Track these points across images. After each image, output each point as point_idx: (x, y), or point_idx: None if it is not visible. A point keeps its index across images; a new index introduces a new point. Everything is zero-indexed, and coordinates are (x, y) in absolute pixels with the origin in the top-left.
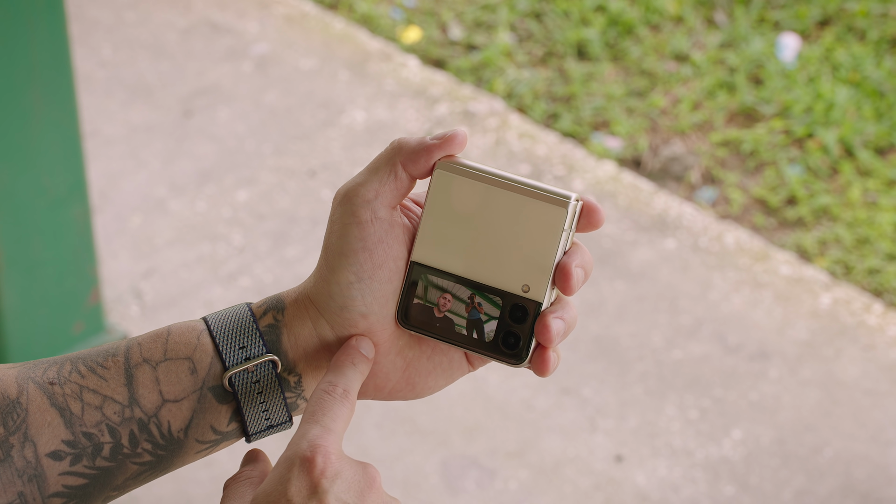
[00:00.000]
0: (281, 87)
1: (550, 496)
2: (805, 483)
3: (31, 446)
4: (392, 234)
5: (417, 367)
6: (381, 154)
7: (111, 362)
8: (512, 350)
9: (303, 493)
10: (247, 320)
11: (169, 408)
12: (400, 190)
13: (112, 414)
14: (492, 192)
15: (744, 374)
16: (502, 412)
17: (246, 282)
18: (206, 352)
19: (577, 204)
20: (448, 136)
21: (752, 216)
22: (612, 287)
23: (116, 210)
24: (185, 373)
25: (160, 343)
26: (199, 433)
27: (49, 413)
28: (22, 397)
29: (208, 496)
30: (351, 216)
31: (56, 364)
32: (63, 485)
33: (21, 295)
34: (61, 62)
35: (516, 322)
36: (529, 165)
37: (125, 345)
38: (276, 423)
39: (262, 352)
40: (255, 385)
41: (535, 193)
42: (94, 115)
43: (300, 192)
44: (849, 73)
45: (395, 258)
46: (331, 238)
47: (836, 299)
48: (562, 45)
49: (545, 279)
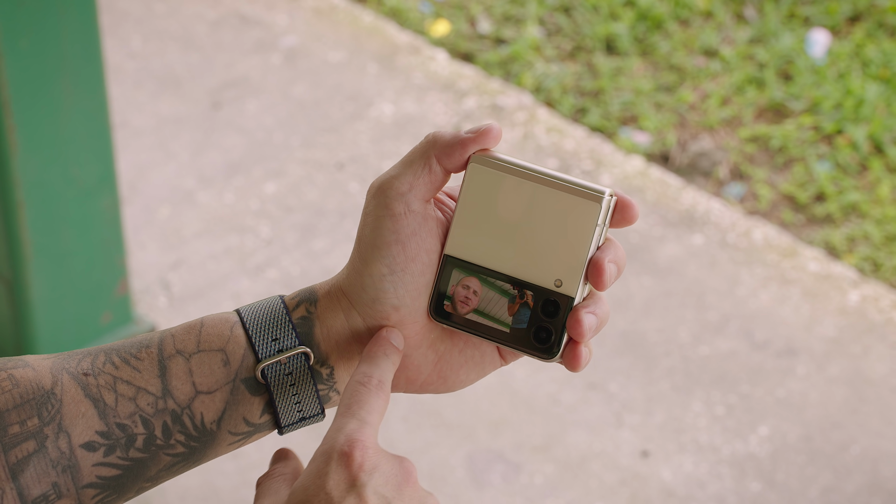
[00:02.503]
0: (309, 80)
1: (576, 491)
2: (832, 480)
3: (65, 437)
4: (425, 227)
5: (449, 360)
6: (416, 147)
7: (144, 354)
8: (544, 345)
9: (341, 486)
10: (280, 312)
11: (202, 399)
12: (434, 183)
13: (145, 405)
14: (526, 186)
15: (771, 370)
16: (528, 406)
17: (273, 274)
18: (239, 344)
19: (611, 199)
20: (483, 129)
21: (780, 212)
22: (640, 282)
23: (145, 201)
24: (218, 364)
25: (193, 335)
26: (231, 425)
27: (83, 404)
28: (56, 388)
29: (235, 487)
30: (384, 209)
31: (90, 355)
32: (97, 476)
33: (50, 285)
34: (91, 53)
35: (548, 317)
36: (557, 160)
37: (158, 336)
38: (309, 415)
39: (294, 344)
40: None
41: (570, 188)
42: (123, 106)
43: (328, 184)
44: (879, 70)
45: (428, 251)
46: (364, 230)
47: (865, 296)
48: (590, 39)
49: (578, 274)
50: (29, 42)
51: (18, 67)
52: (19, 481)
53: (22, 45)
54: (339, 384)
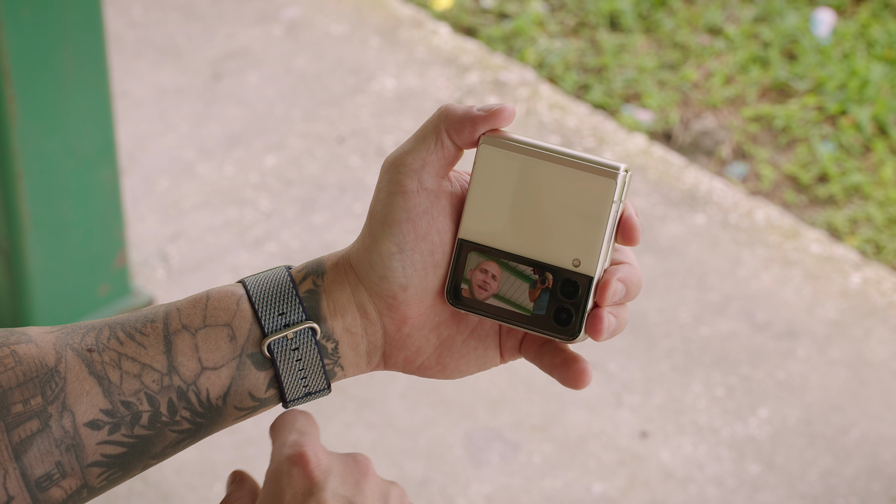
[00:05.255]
0: (311, 53)
1: (574, 471)
2: (831, 464)
3: (69, 416)
4: (438, 206)
5: (450, 347)
6: (428, 120)
7: (150, 329)
8: (564, 326)
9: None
10: (286, 286)
11: (208, 375)
12: (447, 159)
13: (151, 382)
14: (538, 165)
15: (771, 352)
16: (528, 385)
17: (272, 247)
18: (245, 318)
19: (627, 175)
20: (495, 109)
21: (782, 193)
22: (641, 261)
23: (144, 172)
24: (225, 340)
25: (199, 309)
26: (237, 400)
27: (87, 382)
28: (60, 365)
29: (231, 462)
30: (397, 185)
31: (94, 329)
32: (101, 454)
33: (48, 256)
34: (93, 23)
35: (567, 297)
36: (559, 137)
37: (164, 310)
38: (315, 390)
39: (301, 318)
40: (295, 353)
41: (584, 165)
42: (123, 76)
43: (329, 158)
44: (884, 51)
45: (440, 231)
46: (376, 206)
47: (867, 279)
48: (594, 15)
49: (596, 253)
50: (30, 11)
51: (19, 36)
52: (23, 461)
53: (23, 14)
54: (344, 359)
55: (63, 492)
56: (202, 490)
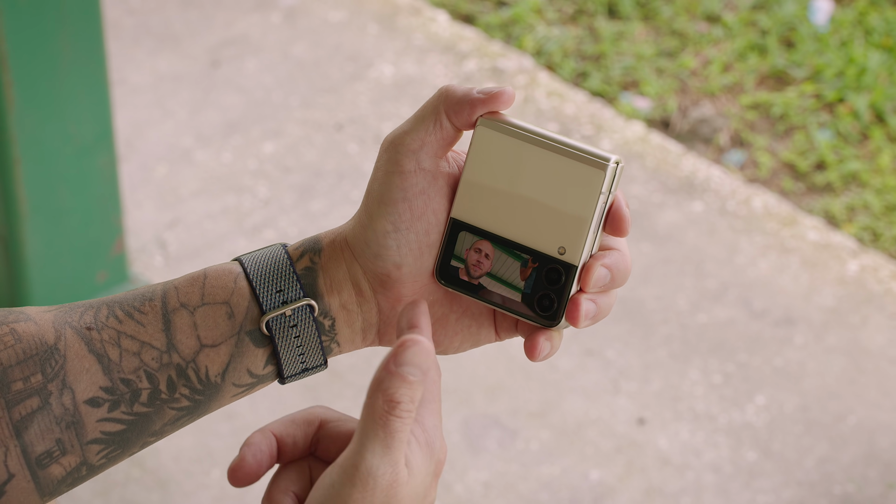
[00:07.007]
0: (309, 40)
1: (571, 457)
2: (828, 451)
3: (69, 393)
4: (434, 187)
5: (445, 325)
6: (428, 101)
7: (148, 307)
8: (546, 312)
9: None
10: (283, 263)
11: (206, 353)
12: (445, 139)
13: (150, 360)
14: (532, 151)
15: (769, 339)
16: (525, 372)
17: (270, 234)
18: (243, 296)
19: (617, 167)
20: (495, 92)
21: (780, 180)
22: (639, 249)
23: (142, 159)
24: (223, 318)
25: (197, 287)
26: (235, 377)
27: (87, 359)
28: (60, 343)
29: (228, 448)
30: (395, 164)
31: (92, 308)
32: (101, 431)
33: (45, 243)
34: (90, 9)
35: (551, 284)
36: (557, 124)
37: (162, 288)
38: (312, 366)
39: (299, 295)
40: (293, 329)
41: (575, 154)
42: (121, 63)
43: (327, 145)
44: (882, 38)
45: (436, 211)
46: (373, 185)
47: (864, 266)
48: (592, 2)
49: (581, 242)
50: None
51: (17, 23)
52: (23, 438)
53: (21, 1)
54: (340, 335)
55: (63, 469)
56: (199, 476)
